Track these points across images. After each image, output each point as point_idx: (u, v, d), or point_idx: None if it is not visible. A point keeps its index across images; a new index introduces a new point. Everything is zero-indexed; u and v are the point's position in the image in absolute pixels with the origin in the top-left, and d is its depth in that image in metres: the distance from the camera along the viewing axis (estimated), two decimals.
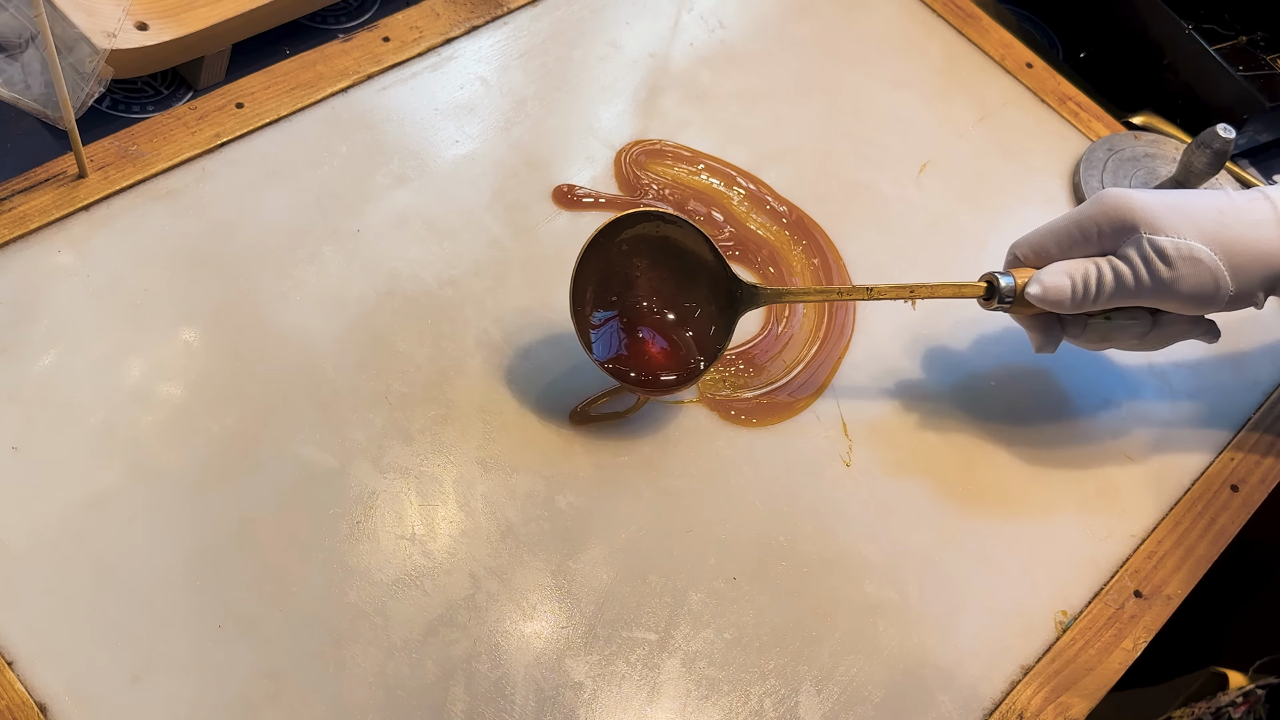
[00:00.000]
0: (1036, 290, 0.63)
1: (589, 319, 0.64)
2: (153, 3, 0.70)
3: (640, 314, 0.65)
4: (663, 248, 0.65)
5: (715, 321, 0.65)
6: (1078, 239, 0.64)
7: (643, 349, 0.64)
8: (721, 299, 0.65)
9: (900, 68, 0.86)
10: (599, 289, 0.64)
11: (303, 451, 0.60)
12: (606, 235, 0.63)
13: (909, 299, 0.65)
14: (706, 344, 0.65)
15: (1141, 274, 0.62)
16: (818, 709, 0.59)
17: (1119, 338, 0.66)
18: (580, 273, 0.63)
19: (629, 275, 0.65)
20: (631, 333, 0.64)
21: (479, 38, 0.79)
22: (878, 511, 0.66)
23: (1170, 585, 0.67)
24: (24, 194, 0.64)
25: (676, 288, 0.65)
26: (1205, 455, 0.73)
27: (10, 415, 0.58)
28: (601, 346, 0.64)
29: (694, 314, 0.65)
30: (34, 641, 0.52)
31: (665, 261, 0.65)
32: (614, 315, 0.64)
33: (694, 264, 0.65)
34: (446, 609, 0.57)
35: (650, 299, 0.65)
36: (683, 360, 0.64)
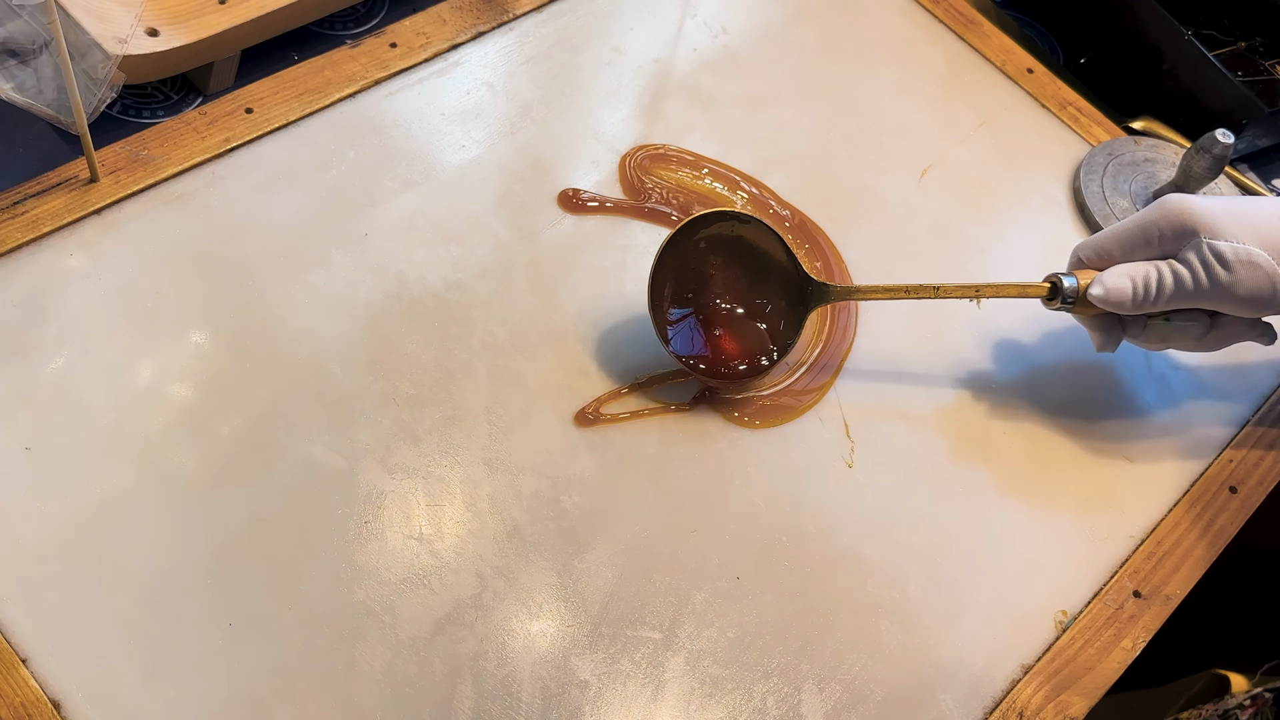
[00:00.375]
0: (1099, 291, 0.65)
1: (666, 314, 0.67)
2: (163, 9, 0.71)
3: (715, 310, 0.68)
4: (736, 246, 0.68)
5: (785, 317, 0.68)
6: (1139, 242, 0.66)
7: (717, 344, 0.68)
8: (792, 295, 0.68)
9: (902, 73, 0.87)
10: (676, 286, 0.67)
11: (312, 452, 0.61)
12: (684, 234, 0.66)
13: (974, 298, 0.68)
14: (777, 338, 0.68)
15: (1200, 277, 0.64)
16: (820, 707, 0.59)
17: (1178, 338, 0.68)
18: (658, 270, 0.66)
19: (704, 273, 0.68)
20: (707, 329, 0.68)
21: (485, 44, 0.80)
22: (880, 512, 0.66)
23: (1169, 586, 0.68)
24: (37, 198, 0.65)
25: (749, 285, 0.69)
26: (1204, 457, 0.73)
27: (24, 416, 0.59)
28: (679, 341, 0.67)
29: (765, 310, 0.68)
30: (47, 639, 0.53)
31: (739, 259, 0.68)
32: (689, 312, 0.68)
33: (766, 262, 0.68)
34: (454, 608, 0.58)
35: (724, 296, 0.68)
36: (754, 354, 0.68)
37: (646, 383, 0.67)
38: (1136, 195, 0.83)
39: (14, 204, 0.65)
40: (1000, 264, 0.79)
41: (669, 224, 0.74)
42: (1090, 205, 0.82)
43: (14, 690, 0.52)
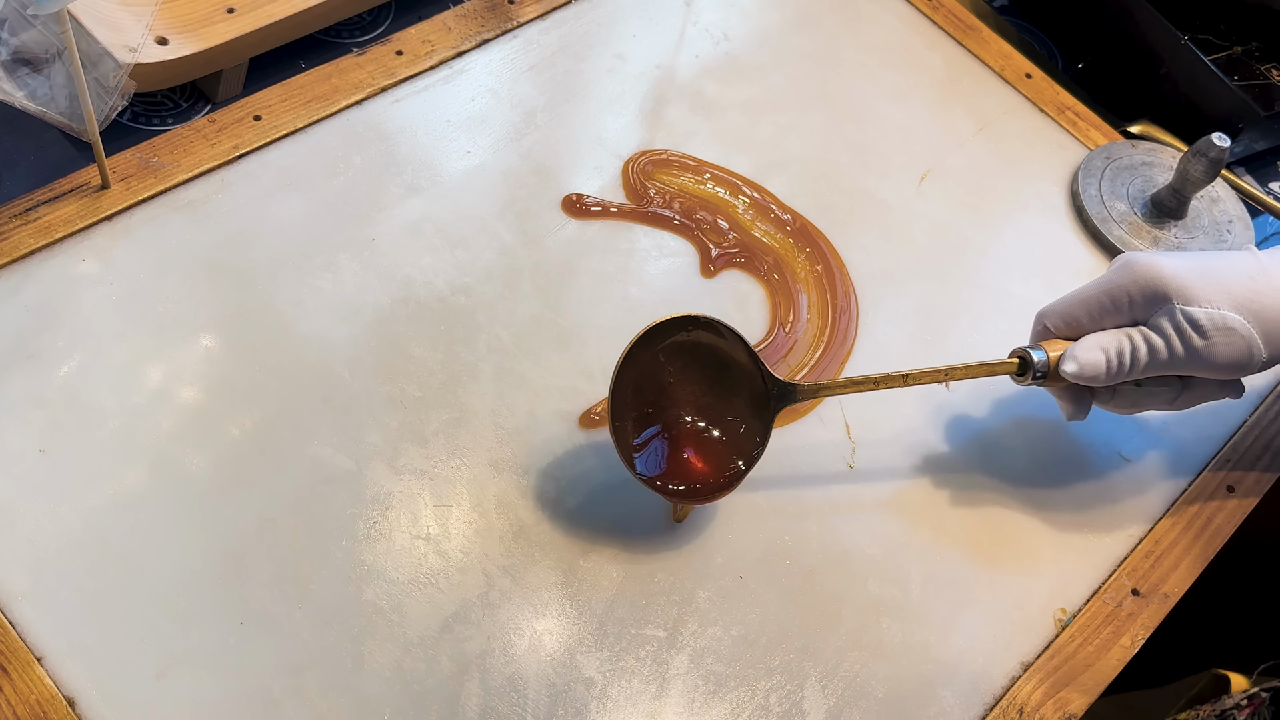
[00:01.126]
0: (1073, 368, 0.63)
1: (630, 438, 0.62)
2: (173, 18, 0.72)
3: (678, 426, 0.63)
4: (694, 352, 0.63)
5: (750, 423, 0.64)
6: (1108, 308, 0.64)
7: (683, 462, 0.63)
8: (758, 398, 0.63)
9: (901, 78, 0.88)
10: (636, 402, 0.63)
11: (320, 454, 0.62)
12: (640, 347, 0.62)
13: (944, 381, 0.65)
14: (744, 446, 0.63)
15: (1175, 345, 0.62)
16: (822, 704, 0.60)
17: (1149, 403, 0.66)
18: (617, 387, 0.61)
19: (663, 384, 0.63)
20: (673, 447, 0.63)
21: (489, 51, 0.81)
22: (881, 511, 0.67)
23: (1167, 584, 0.68)
24: (49, 204, 0.66)
25: (711, 392, 0.64)
26: (1201, 457, 0.74)
27: (37, 419, 0.60)
28: (643, 463, 0.62)
29: (730, 417, 0.64)
30: (62, 638, 0.54)
31: (698, 366, 0.64)
32: (655, 432, 0.63)
33: (728, 366, 0.64)
34: (461, 606, 0.59)
35: (687, 408, 0.64)
36: (722, 465, 0.63)
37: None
38: (1134, 199, 0.84)
39: (27, 210, 0.66)
40: (999, 267, 0.79)
41: (672, 228, 0.75)
42: (1088, 208, 0.83)
43: (29, 688, 0.52)
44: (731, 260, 0.75)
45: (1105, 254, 0.82)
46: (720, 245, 0.75)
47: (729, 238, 0.76)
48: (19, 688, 0.52)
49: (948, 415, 0.72)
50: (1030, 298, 0.78)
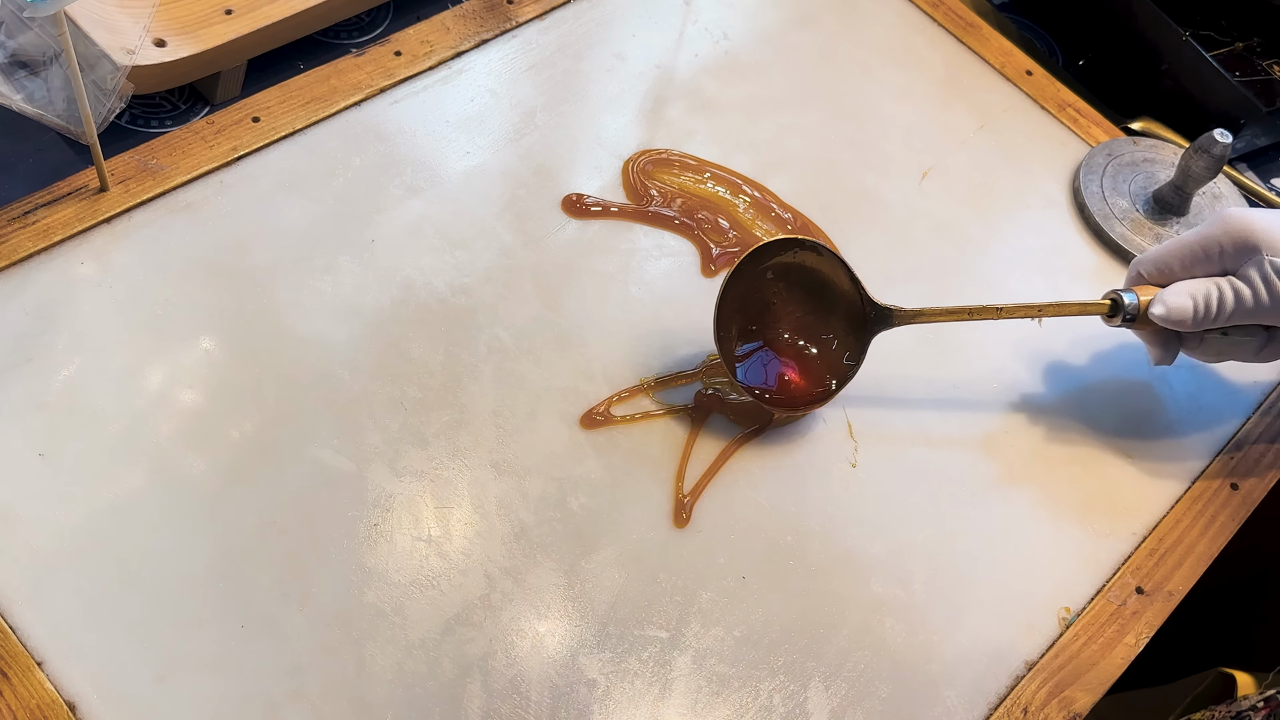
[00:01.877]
0: (1160, 311, 0.66)
1: (734, 347, 0.67)
2: (171, 20, 0.71)
3: (779, 340, 0.68)
4: (799, 274, 0.68)
5: (848, 343, 0.68)
6: (1200, 258, 0.66)
7: (782, 374, 0.68)
8: (856, 320, 0.68)
9: (902, 76, 0.88)
10: (741, 317, 0.67)
11: (321, 456, 0.62)
12: (748, 264, 0.66)
13: (1037, 317, 0.68)
14: (839, 365, 0.68)
15: (1261, 294, 0.64)
16: (826, 704, 0.60)
17: (1235, 352, 0.68)
18: (724, 300, 0.65)
19: (768, 302, 0.68)
20: (772, 359, 0.68)
21: (488, 51, 0.81)
22: (883, 511, 0.67)
23: (1171, 582, 0.68)
24: (47, 207, 0.66)
25: (813, 312, 0.68)
26: (1205, 454, 0.74)
27: (37, 422, 0.59)
28: (744, 372, 0.67)
29: (829, 337, 0.68)
30: (62, 642, 0.54)
31: (802, 287, 0.68)
32: (757, 346, 0.68)
33: (830, 288, 0.68)
34: (462, 608, 0.59)
35: (789, 325, 0.68)
36: (817, 381, 0.68)
37: (650, 386, 0.68)
38: (1136, 195, 0.84)
39: (25, 213, 0.65)
40: (1001, 264, 0.79)
41: (672, 227, 0.75)
42: (1090, 205, 0.83)
43: (30, 692, 0.52)
44: (733, 259, 0.75)
45: (1107, 251, 0.82)
46: (721, 245, 0.75)
47: (730, 237, 0.76)
48: (19, 693, 0.52)
49: (949, 414, 0.72)
50: (1032, 295, 0.78)
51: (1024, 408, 0.73)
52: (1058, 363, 0.76)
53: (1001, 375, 0.74)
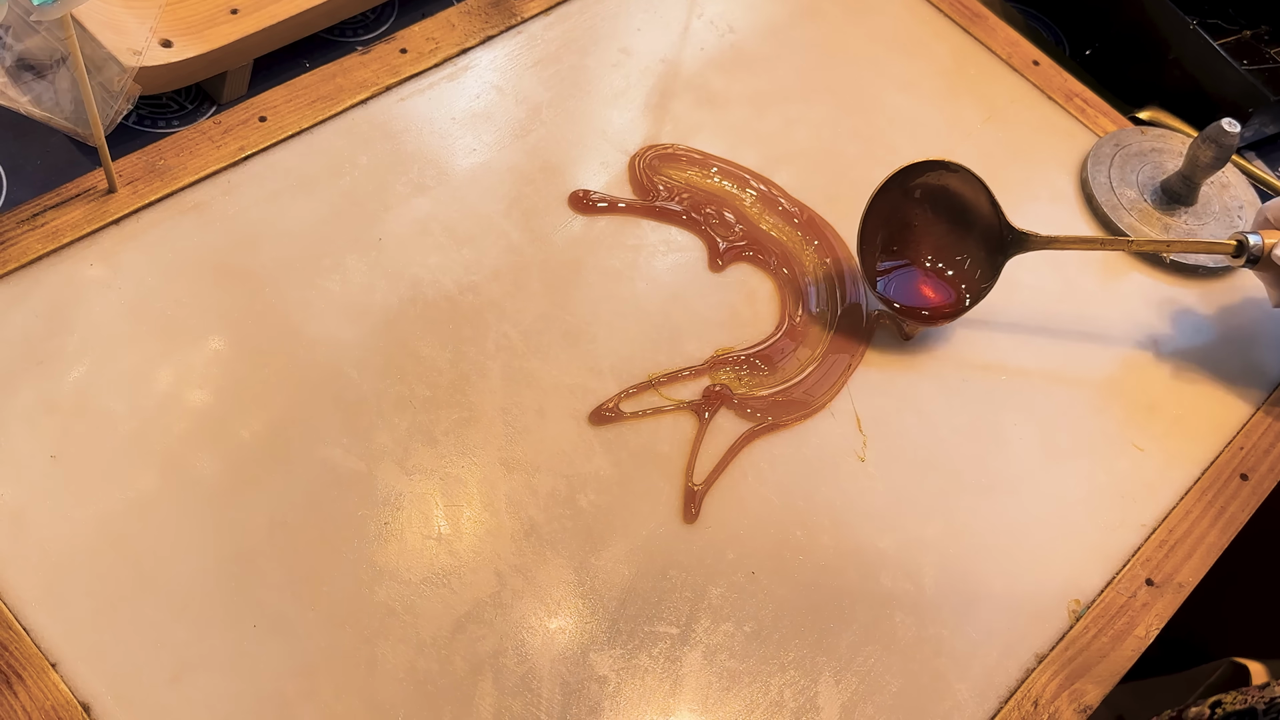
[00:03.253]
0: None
1: (875, 261, 0.73)
2: (177, 20, 0.72)
3: (919, 258, 0.74)
4: (942, 195, 0.73)
5: (983, 264, 0.73)
6: None
7: (918, 287, 0.74)
8: (992, 243, 0.73)
9: (908, 68, 0.88)
10: (885, 233, 0.73)
11: (330, 455, 0.62)
12: (895, 182, 0.72)
13: (1165, 252, 0.75)
14: (974, 284, 0.73)
15: None
16: (836, 699, 0.60)
17: None
18: (869, 215, 0.72)
19: (910, 220, 0.74)
20: (910, 274, 0.74)
21: (493, 47, 0.81)
22: (892, 505, 0.67)
23: (1181, 573, 0.68)
24: (56, 209, 0.66)
25: (952, 232, 0.74)
26: (1214, 444, 0.74)
27: (48, 425, 0.60)
28: (883, 285, 0.73)
29: (963, 256, 0.74)
30: (76, 644, 0.54)
31: (944, 207, 0.74)
32: (897, 261, 0.74)
33: (970, 210, 0.73)
34: (473, 606, 0.59)
35: (929, 244, 0.74)
36: (952, 298, 0.73)
37: (659, 381, 0.68)
38: (1144, 185, 0.84)
39: (34, 215, 0.66)
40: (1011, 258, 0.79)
41: (679, 223, 0.75)
42: (1098, 196, 0.83)
43: (45, 694, 0.53)
44: (740, 254, 0.75)
45: None
46: (728, 239, 0.75)
47: (736, 231, 0.76)
48: (34, 694, 0.52)
49: (958, 407, 0.72)
50: (1041, 288, 0.78)
51: (1033, 403, 0.73)
52: (1065, 356, 0.75)
53: (1008, 368, 0.74)
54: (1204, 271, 0.81)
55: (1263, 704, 0.88)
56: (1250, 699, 0.90)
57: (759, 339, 0.71)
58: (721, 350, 0.70)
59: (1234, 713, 0.90)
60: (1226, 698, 0.92)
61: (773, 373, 0.70)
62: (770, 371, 0.70)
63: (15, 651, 0.53)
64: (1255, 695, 0.90)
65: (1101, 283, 0.80)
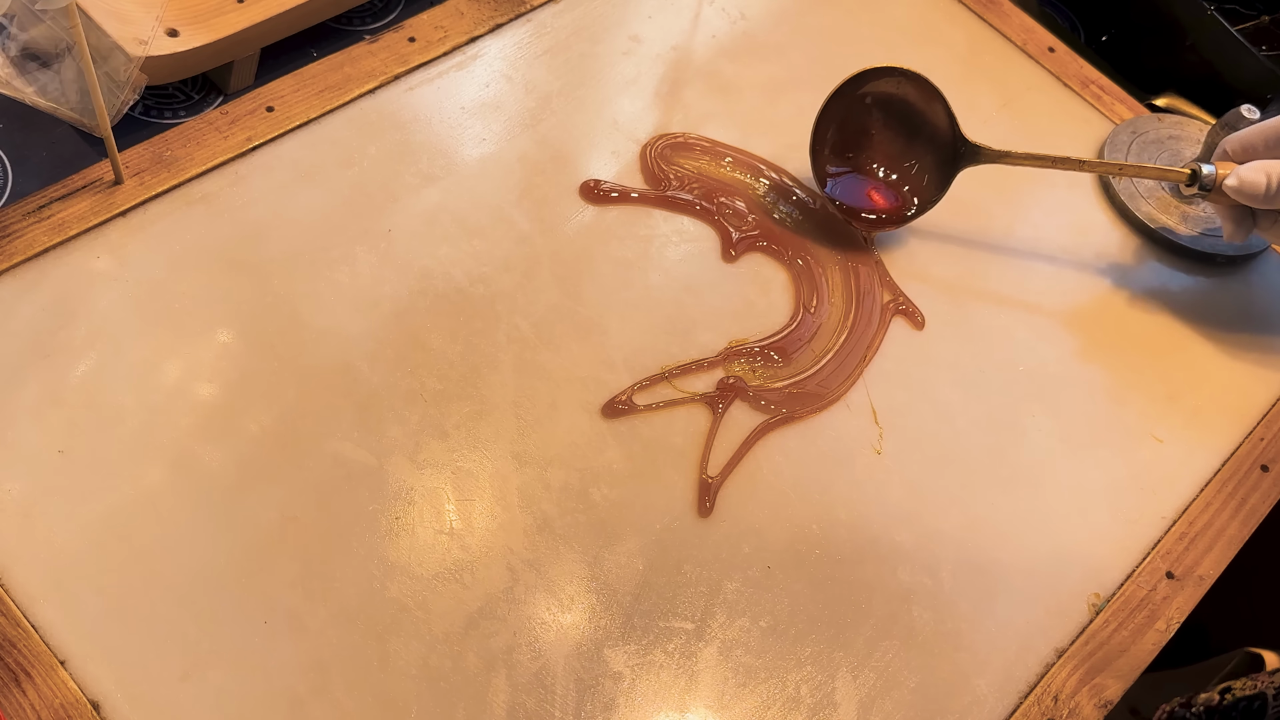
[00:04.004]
0: (1233, 183, 0.70)
1: (825, 164, 0.75)
2: (183, 10, 0.71)
3: (869, 164, 0.75)
4: (899, 103, 0.75)
5: (934, 174, 0.75)
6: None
7: (867, 193, 0.75)
8: (945, 154, 0.75)
9: (922, 55, 0.87)
10: (839, 136, 0.75)
11: (341, 449, 0.61)
12: (851, 86, 0.74)
13: (1118, 175, 0.76)
14: (923, 192, 0.75)
15: None
16: (854, 695, 0.59)
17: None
18: (823, 116, 0.74)
19: (865, 126, 0.75)
20: (860, 181, 0.75)
21: (503, 36, 0.80)
22: (910, 498, 0.66)
23: (1202, 566, 0.67)
24: (62, 201, 0.65)
25: (906, 139, 0.75)
26: (1234, 436, 0.73)
27: (55, 419, 0.59)
28: (832, 187, 0.75)
29: (916, 164, 0.75)
30: (85, 641, 0.54)
31: (899, 114, 0.75)
32: (848, 165, 0.75)
33: (925, 119, 0.75)
34: (486, 602, 0.58)
35: (881, 149, 0.75)
36: (900, 205, 0.75)
37: (672, 373, 0.67)
38: None
39: (40, 208, 0.65)
40: (1027, 245, 0.78)
41: (692, 212, 0.74)
42: (1115, 184, 0.82)
43: (54, 692, 0.52)
44: (753, 244, 0.74)
45: (1133, 230, 0.81)
46: (741, 229, 0.74)
47: (749, 221, 0.75)
48: (43, 692, 0.52)
49: (975, 399, 0.71)
50: (1058, 277, 0.77)
51: (1052, 395, 0.72)
52: (1083, 347, 0.74)
53: (1027, 359, 0.73)
54: (1222, 261, 0.81)
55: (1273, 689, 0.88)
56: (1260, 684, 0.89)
57: (773, 330, 0.71)
58: (735, 342, 0.69)
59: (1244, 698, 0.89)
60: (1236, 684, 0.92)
61: (787, 364, 0.69)
62: (785, 363, 0.69)
63: (24, 649, 0.53)
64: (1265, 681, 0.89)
65: (1120, 272, 0.79)
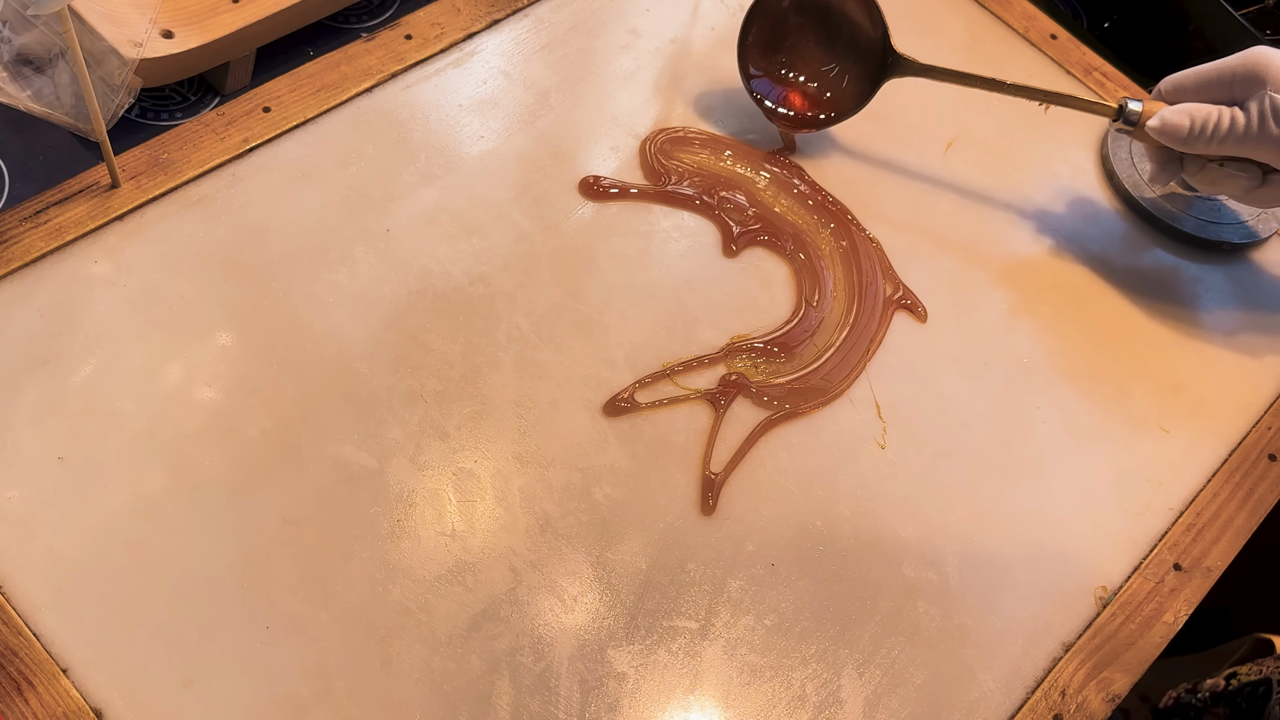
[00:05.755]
0: (1155, 124, 0.70)
1: (750, 63, 0.76)
2: (177, 11, 0.70)
3: (795, 67, 0.77)
4: (833, 8, 0.75)
5: (862, 82, 0.76)
6: (1213, 83, 0.70)
7: (789, 97, 0.77)
8: (874, 63, 0.76)
9: (924, 43, 0.86)
10: (769, 37, 0.76)
11: (341, 451, 0.61)
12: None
13: (1042, 103, 0.74)
14: (845, 101, 0.77)
15: (1253, 125, 0.67)
16: (860, 692, 0.59)
17: (1228, 184, 0.72)
18: (754, 18, 0.75)
19: (794, 29, 0.76)
20: (786, 82, 0.77)
21: (500, 32, 0.79)
22: (914, 493, 0.66)
23: (1210, 557, 0.67)
24: (59, 206, 0.65)
25: (834, 45, 0.76)
26: (1241, 426, 0.72)
27: (55, 425, 0.59)
28: (758, 85, 0.77)
29: (845, 71, 0.76)
30: (87, 649, 0.53)
31: (831, 20, 0.76)
32: (774, 64, 0.76)
33: (856, 27, 0.76)
34: (489, 603, 0.58)
35: (811, 53, 0.76)
36: (822, 109, 0.77)
37: (673, 370, 0.67)
38: None
39: (36, 213, 0.65)
40: (1030, 235, 0.78)
41: (691, 207, 0.74)
42: (1119, 171, 0.81)
43: (56, 701, 0.52)
44: (754, 238, 0.73)
45: (1138, 218, 0.81)
46: (742, 223, 0.74)
47: (750, 215, 0.74)
48: (45, 700, 0.52)
49: (980, 392, 0.70)
50: (1063, 267, 0.77)
51: (1057, 386, 0.72)
52: (1088, 337, 0.74)
53: (1032, 351, 0.73)
54: (1228, 249, 0.80)
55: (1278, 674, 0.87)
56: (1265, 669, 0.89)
57: (775, 325, 0.70)
58: (737, 337, 0.69)
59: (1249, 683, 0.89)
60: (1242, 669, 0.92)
61: (790, 359, 0.69)
62: (787, 358, 0.69)
63: (26, 658, 0.53)
64: (1271, 665, 0.89)
65: (1125, 262, 0.78)
